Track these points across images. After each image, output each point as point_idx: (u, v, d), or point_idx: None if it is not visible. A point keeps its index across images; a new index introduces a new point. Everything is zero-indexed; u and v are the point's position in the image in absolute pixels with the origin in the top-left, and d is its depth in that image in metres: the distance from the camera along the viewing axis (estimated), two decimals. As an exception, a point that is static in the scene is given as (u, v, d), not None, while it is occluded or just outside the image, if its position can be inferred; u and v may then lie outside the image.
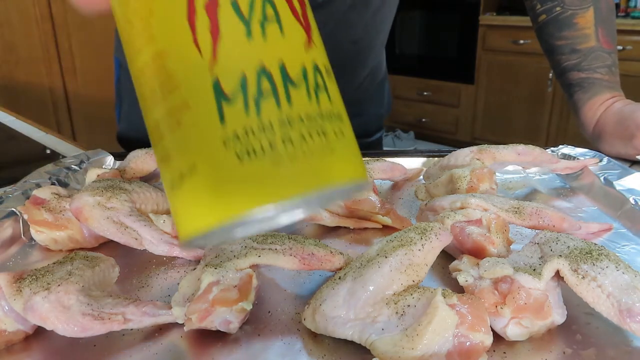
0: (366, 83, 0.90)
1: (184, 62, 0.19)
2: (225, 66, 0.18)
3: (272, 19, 0.19)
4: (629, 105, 0.74)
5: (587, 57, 0.78)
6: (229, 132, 0.18)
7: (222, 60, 0.18)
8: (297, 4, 0.20)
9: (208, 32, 0.18)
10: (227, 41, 0.18)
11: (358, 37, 0.81)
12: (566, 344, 0.36)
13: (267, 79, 0.18)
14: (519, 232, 0.52)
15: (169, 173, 0.19)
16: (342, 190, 0.20)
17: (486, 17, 3.18)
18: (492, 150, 0.61)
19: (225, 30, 0.18)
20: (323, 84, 0.20)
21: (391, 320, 0.34)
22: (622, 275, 0.35)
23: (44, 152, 0.88)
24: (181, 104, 0.19)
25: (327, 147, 0.19)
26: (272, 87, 0.18)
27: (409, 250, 0.37)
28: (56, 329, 0.34)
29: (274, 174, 0.18)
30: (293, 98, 0.18)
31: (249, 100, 0.18)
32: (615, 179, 0.59)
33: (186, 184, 0.19)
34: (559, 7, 0.79)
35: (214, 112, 0.18)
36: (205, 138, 0.18)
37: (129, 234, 0.47)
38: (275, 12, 0.19)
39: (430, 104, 3.60)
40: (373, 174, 0.61)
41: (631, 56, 2.64)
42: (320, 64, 0.20)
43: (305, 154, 0.18)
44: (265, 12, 0.19)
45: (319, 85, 0.19)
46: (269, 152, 0.18)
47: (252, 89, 0.18)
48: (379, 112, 0.96)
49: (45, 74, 2.56)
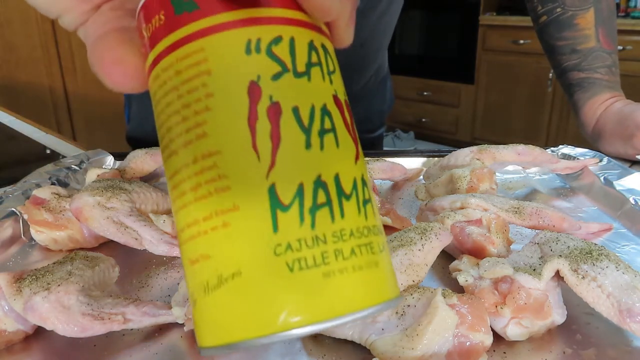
0: (371, 82, 0.91)
1: (239, 165, 0.18)
2: (284, 174, 0.18)
3: (329, 131, 0.19)
4: (629, 105, 0.74)
5: (587, 57, 0.78)
6: (282, 241, 0.18)
7: (280, 167, 0.18)
8: (348, 116, 0.20)
9: (268, 137, 0.18)
10: (287, 148, 0.18)
11: (365, 40, 0.83)
12: (566, 344, 0.36)
13: (323, 191, 0.18)
14: (519, 232, 0.52)
15: (205, 274, 0.19)
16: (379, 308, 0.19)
17: (486, 17, 3.18)
18: (492, 150, 0.61)
19: (285, 137, 0.18)
20: (368, 197, 0.20)
21: (391, 320, 0.34)
22: (622, 276, 0.35)
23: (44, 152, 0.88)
24: (231, 206, 0.18)
25: (372, 261, 0.19)
26: (327, 199, 0.18)
27: (409, 250, 0.37)
28: (56, 329, 0.34)
29: (324, 287, 0.18)
30: (346, 211, 0.19)
31: (304, 211, 0.18)
32: (615, 179, 0.59)
33: (225, 288, 0.18)
34: (560, 8, 0.79)
35: (268, 219, 0.18)
36: (255, 244, 0.18)
37: (129, 234, 0.47)
38: (332, 124, 0.19)
39: (430, 104, 3.60)
40: (373, 174, 0.61)
41: (631, 56, 2.64)
42: (366, 176, 0.20)
43: (355, 269, 0.18)
44: (323, 122, 0.19)
45: (366, 198, 0.20)
46: (321, 264, 0.18)
47: (308, 199, 0.18)
48: (381, 108, 0.97)
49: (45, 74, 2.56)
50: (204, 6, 0.19)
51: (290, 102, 0.19)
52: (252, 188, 0.18)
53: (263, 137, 0.18)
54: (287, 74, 0.19)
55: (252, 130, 0.18)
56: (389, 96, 1.00)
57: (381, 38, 0.87)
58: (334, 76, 0.20)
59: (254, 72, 0.19)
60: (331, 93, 0.20)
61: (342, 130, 0.20)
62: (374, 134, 0.97)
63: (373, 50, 0.87)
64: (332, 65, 0.20)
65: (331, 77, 0.20)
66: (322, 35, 0.21)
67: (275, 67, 0.19)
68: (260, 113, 0.18)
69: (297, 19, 0.20)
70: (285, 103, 0.18)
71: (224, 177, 0.18)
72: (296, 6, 0.20)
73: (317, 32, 0.20)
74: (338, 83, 0.21)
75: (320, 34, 0.20)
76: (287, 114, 0.18)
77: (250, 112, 0.18)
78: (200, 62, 0.19)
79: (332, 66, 0.20)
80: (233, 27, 0.19)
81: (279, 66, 0.19)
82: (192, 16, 0.19)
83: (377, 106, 0.96)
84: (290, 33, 0.19)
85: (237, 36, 0.19)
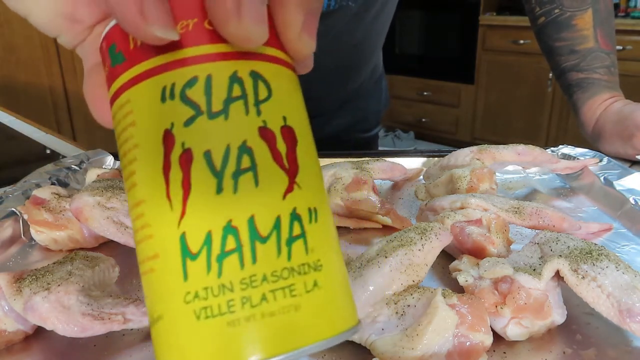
0: (366, 82, 0.92)
1: (157, 214, 0.19)
2: (193, 222, 0.18)
3: (247, 170, 0.18)
4: (628, 105, 0.74)
5: (586, 57, 0.78)
6: (191, 290, 0.18)
7: (190, 215, 0.18)
8: (283, 145, 0.19)
9: (180, 185, 0.18)
10: (196, 196, 0.18)
11: (359, 41, 0.83)
12: (566, 344, 0.36)
13: (233, 237, 0.18)
14: (519, 232, 0.52)
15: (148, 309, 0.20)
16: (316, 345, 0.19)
17: (486, 17, 3.18)
18: (492, 150, 0.61)
19: (196, 184, 0.18)
20: (300, 232, 0.19)
21: (391, 320, 0.34)
22: (622, 276, 0.35)
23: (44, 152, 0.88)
24: (153, 254, 0.19)
25: (290, 306, 0.18)
26: (237, 245, 0.18)
27: (409, 250, 0.37)
28: (56, 329, 0.34)
29: (229, 336, 0.18)
30: (259, 255, 0.18)
31: (211, 260, 0.18)
32: (615, 179, 0.59)
33: (155, 329, 0.19)
34: (558, 9, 0.79)
35: (179, 267, 0.18)
36: (170, 291, 0.18)
37: (129, 234, 0.47)
38: (252, 161, 0.18)
39: (430, 104, 3.60)
40: (373, 174, 0.61)
41: (631, 56, 2.64)
42: (303, 208, 0.19)
43: (264, 315, 0.18)
44: (240, 162, 0.18)
45: (294, 235, 0.19)
46: (226, 312, 0.18)
47: (216, 247, 0.18)
48: (377, 108, 0.98)
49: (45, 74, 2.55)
50: (129, 57, 0.19)
51: (202, 146, 0.18)
52: (167, 237, 0.18)
53: (175, 186, 0.18)
54: (200, 117, 0.18)
55: (166, 179, 0.18)
56: (385, 95, 1.00)
57: (376, 38, 0.88)
58: (266, 104, 0.19)
59: (168, 120, 0.18)
60: (257, 126, 0.19)
61: (267, 165, 0.19)
62: (370, 133, 0.98)
63: (368, 50, 0.87)
64: (264, 93, 0.19)
65: (259, 107, 0.19)
66: (256, 61, 0.19)
67: (189, 111, 0.18)
68: (173, 162, 0.18)
69: (219, 52, 0.19)
70: (197, 148, 0.18)
71: (147, 226, 0.19)
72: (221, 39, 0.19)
73: (248, 60, 0.19)
74: (272, 111, 0.19)
75: (253, 60, 0.19)
76: (199, 160, 0.18)
77: (165, 161, 0.18)
78: (128, 114, 0.19)
79: (264, 93, 0.19)
80: (151, 75, 0.19)
81: (192, 110, 0.18)
82: (122, 68, 0.20)
83: (373, 106, 0.96)
84: (207, 71, 0.19)
85: (154, 84, 0.19)
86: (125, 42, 0.19)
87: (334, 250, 0.20)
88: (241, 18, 0.18)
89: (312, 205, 0.19)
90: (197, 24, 0.19)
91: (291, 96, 0.20)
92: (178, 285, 0.18)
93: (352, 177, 0.55)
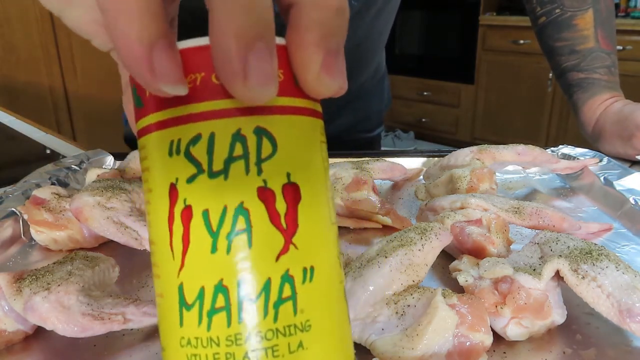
0: (368, 81, 0.91)
1: (162, 259, 0.20)
2: (189, 275, 0.19)
3: (242, 231, 0.18)
4: (629, 105, 0.74)
5: (587, 57, 0.78)
6: (185, 336, 0.19)
7: (187, 269, 0.19)
8: (282, 205, 0.19)
9: (181, 239, 0.19)
10: (194, 252, 0.19)
11: (361, 41, 0.83)
12: (566, 344, 0.36)
13: (223, 296, 0.19)
14: (519, 232, 0.52)
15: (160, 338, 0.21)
16: None
17: (486, 17, 3.18)
18: (492, 150, 0.61)
19: (194, 240, 0.19)
20: (290, 294, 0.19)
21: (391, 320, 0.34)
22: (622, 276, 0.35)
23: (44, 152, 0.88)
24: (160, 292, 0.20)
25: None
26: (226, 304, 0.19)
27: (409, 250, 0.37)
28: (56, 329, 0.34)
29: None
30: (245, 316, 0.19)
31: (202, 314, 0.19)
32: (615, 179, 0.59)
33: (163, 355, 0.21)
34: (559, 9, 0.79)
35: (177, 313, 0.19)
36: (170, 331, 0.20)
37: (129, 234, 0.47)
38: (247, 223, 0.18)
39: (430, 104, 3.60)
40: (373, 174, 0.61)
41: (631, 56, 2.64)
42: (297, 268, 0.19)
43: None
44: (235, 224, 0.18)
45: (284, 297, 0.19)
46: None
47: (207, 303, 0.19)
48: (379, 108, 0.97)
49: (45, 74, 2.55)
50: (145, 104, 0.20)
51: (201, 205, 0.19)
52: (169, 282, 0.20)
53: (177, 239, 0.19)
54: (201, 176, 0.18)
55: (170, 230, 0.19)
56: (387, 95, 1.00)
57: (378, 38, 0.87)
58: (269, 162, 0.19)
59: (173, 175, 0.19)
60: (256, 186, 0.19)
61: (263, 226, 0.19)
62: (373, 133, 0.98)
63: (370, 50, 0.87)
64: (268, 150, 0.19)
65: (260, 166, 0.19)
66: (263, 115, 0.19)
67: (191, 169, 0.19)
68: (176, 215, 0.19)
69: (224, 108, 0.18)
70: (197, 206, 0.19)
71: (156, 266, 0.20)
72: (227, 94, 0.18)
73: (254, 115, 0.19)
74: (275, 168, 0.19)
75: (260, 115, 0.19)
76: (197, 218, 0.19)
77: (170, 213, 0.19)
78: (144, 158, 0.20)
79: (267, 150, 0.19)
80: (161, 127, 0.19)
81: (194, 168, 0.19)
82: (140, 113, 0.20)
83: (375, 106, 0.96)
84: (211, 128, 0.18)
85: (164, 137, 0.19)
86: (142, 88, 0.20)
87: (329, 308, 0.20)
88: (247, 79, 0.17)
89: (309, 265, 0.20)
90: (204, 78, 0.18)
91: (300, 149, 0.20)
92: (175, 329, 0.20)
93: (352, 177, 0.55)
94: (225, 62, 0.17)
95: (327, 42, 0.19)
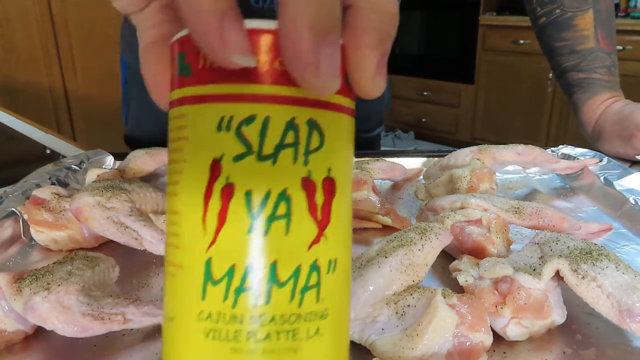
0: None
1: (189, 232, 0.20)
2: (221, 252, 0.19)
3: (282, 217, 0.19)
4: (629, 105, 0.74)
5: (587, 57, 0.78)
6: (205, 310, 0.19)
7: (219, 245, 0.19)
8: (321, 197, 0.20)
9: (216, 215, 0.19)
10: (229, 230, 0.19)
11: None
12: (566, 344, 0.36)
13: (253, 276, 0.19)
14: (519, 232, 0.52)
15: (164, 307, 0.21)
16: None
17: (486, 17, 3.18)
18: (492, 150, 0.61)
19: (230, 219, 0.19)
20: (316, 283, 0.20)
21: (391, 320, 0.34)
22: (622, 276, 0.35)
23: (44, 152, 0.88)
24: (178, 263, 0.20)
25: (289, 348, 0.19)
26: (255, 285, 0.19)
27: (409, 250, 0.37)
28: (56, 329, 0.34)
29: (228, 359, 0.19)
30: (273, 297, 0.19)
31: (230, 291, 0.19)
32: (615, 179, 0.59)
33: (166, 327, 0.21)
34: (559, 10, 0.79)
35: (200, 286, 0.19)
36: (186, 302, 0.20)
37: (129, 234, 0.47)
38: (288, 209, 0.19)
39: (430, 104, 3.60)
40: (373, 174, 0.61)
41: (631, 56, 2.64)
42: (324, 259, 0.20)
43: (265, 352, 0.19)
44: (276, 209, 0.19)
45: (310, 284, 0.20)
46: (232, 340, 0.19)
47: (236, 281, 0.19)
48: (379, 108, 0.98)
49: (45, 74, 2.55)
50: (196, 74, 0.19)
51: (245, 185, 0.19)
52: (193, 256, 0.19)
53: (212, 214, 0.19)
54: (250, 157, 0.19)
55: (205, 205, 0.19)
56: (387, 96, 1.00)
57: None
58: (315, 155, 0.19)
59: (219, 150, 0.19)
60: (300, 176, 0.19)
61: (301, 215, 0.19)
62: (373, 133, 0.98)
63: None
64: (316, 142, 0.19)
65: (308, 157, 0.19)
66: (317, 109, 0.19)
67: (240, 148, 0.19)
68: (215, 191, 0.19)
69: (282, 95, 0.19)
70: (240, 186, 0.19)
71: (178, 236, 0.20)
72: (288, 81, 0.19)
73: (309, 107, 0.19)
74: (319, 162, 0.20)
75: (314, 108, 0.19)
76: (239, 197, 0.19)
77: (208, 188, 0.19)
78: (182, 127, 0.20)
79: (316, 143, 0.19)
80: (213, 100, 0.19)
81: (243, 147, 0.19)
82: (187, 81, 0.20)
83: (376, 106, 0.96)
84: (267, 112, 0.19)
85: (213, 111, 0.19)
86: (196, 57, 0.19)
87: (343, 298, 0.21)
88: (319, 70, 0.17)
89: (334, 257, 0.20)
90: (267, 61, 0.19)
91: (341, 146, 0.21)
92: (195, 301, 0.19)
93: (352, 177, 0.55)
94: (297, 51, 0.17)
95: (382, 46, 0.19)
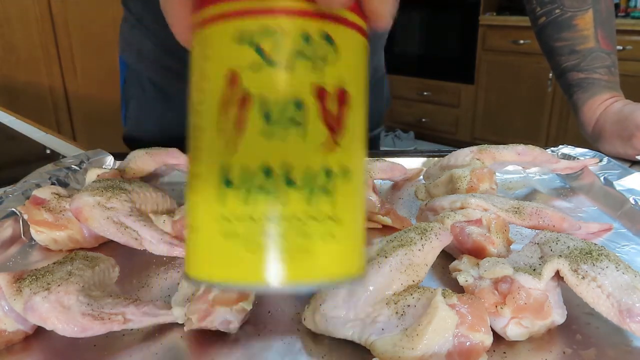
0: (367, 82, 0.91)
1: (208, 141, 0.21)
2: (238, 157, 0.20)
3: (296, 123, 0.20)
4: (629, 105, 0.74)
5: (587, 57, 0.78)
6: (224, 213, 0.20)
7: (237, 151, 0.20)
8: (335, 106, 0.21)
9: (234, 123, 0.20)
10: (247, 136, 0.20)
11: None
12: (566, 344, 0.36)
13: (270, 179, 0.20)
14: (519, 232, 0.52)
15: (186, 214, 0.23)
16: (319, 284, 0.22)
17: (486, 17, 3.18)
18: (492, 150, 0.61)
19: (247, 126, 0.20)
20: (331, 189, 0.21)
21: (391, 320, 0.34)
22: (622, 276, 0.35)
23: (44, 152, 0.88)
24: (197, 171, 0.21)
25: (301, 248, 0.20)
26: (272, 186, 0.20)
27: (409, 250, 0.37)
28: (56, 329, 0.34)
29: (245, 259, 0.20)
30: (290, 199, 0.20)
31: (248, 193, 0.20)
32: (615, 179, 0.59)
33: (190, 235, 0.22)
34: (559, 9, 0.79)
35: (217, 191, 0.20)
36: (205, 207, 0.21)
37: (129, 234, 0.47)
38: (303, 116, 0.20)
39: (430, 104, 3.60)
40: (373, 174, 0.61)
41: (631, 56, 2.64)
42: (339, 167, 0.21)
43: (278, 249, 0.20)
44: (291, 115, 0.20)
45: (326, 189, 0.21)
46: (248, 239, 0.20)
47: (255, 183, 0.20)
48: (379, 108, 0.97)
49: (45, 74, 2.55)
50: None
51: (261, 93, 0.20)
52: (211, 163, 0.21)
53: (230, 123, 0.20)
54: (266, 66, 0.20)
55: (224, 114, 0.20)
56: (386, 96, 1.00)
57: (377, 39, 0.87)
58: (329, 66, 0.21)
59: (237, 62, 0.20)
60: (316, 85, 0.20)
61: (315, 122, 0.20)
62: (372, 133, 0.98)
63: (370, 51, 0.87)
64: (330, 55, 0.21)
65: (322, 68, 0.20)
66: (331, 22, 0.21)
67: (257, 59, 0.20)
68: (233, 101, 0.20)
69: (298, 8, 0.20)
70: (257, 94, 0.20)
71: (198, 149, 0.21)
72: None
73: (323, 20, 0.20)
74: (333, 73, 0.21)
75: (328, 21, 0.21)
76: (255, 104, 0.20)
77: (225, 98, 0.20)
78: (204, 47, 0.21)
79: (330, 55, 0.21)
80: (233, 17, 0.20)
81: (260, 58, 0.20)
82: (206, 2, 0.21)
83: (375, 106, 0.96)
84: (283, 24, 0.20)
85: (232, 26, 0.20)
86: None
87: (357, 211, 0.22)
88: None
89: (348, 166, 0.21)
90: None
91: (355, 62, 0.22)
92: (213, 205, 0.21)
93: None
94: None
95: None
